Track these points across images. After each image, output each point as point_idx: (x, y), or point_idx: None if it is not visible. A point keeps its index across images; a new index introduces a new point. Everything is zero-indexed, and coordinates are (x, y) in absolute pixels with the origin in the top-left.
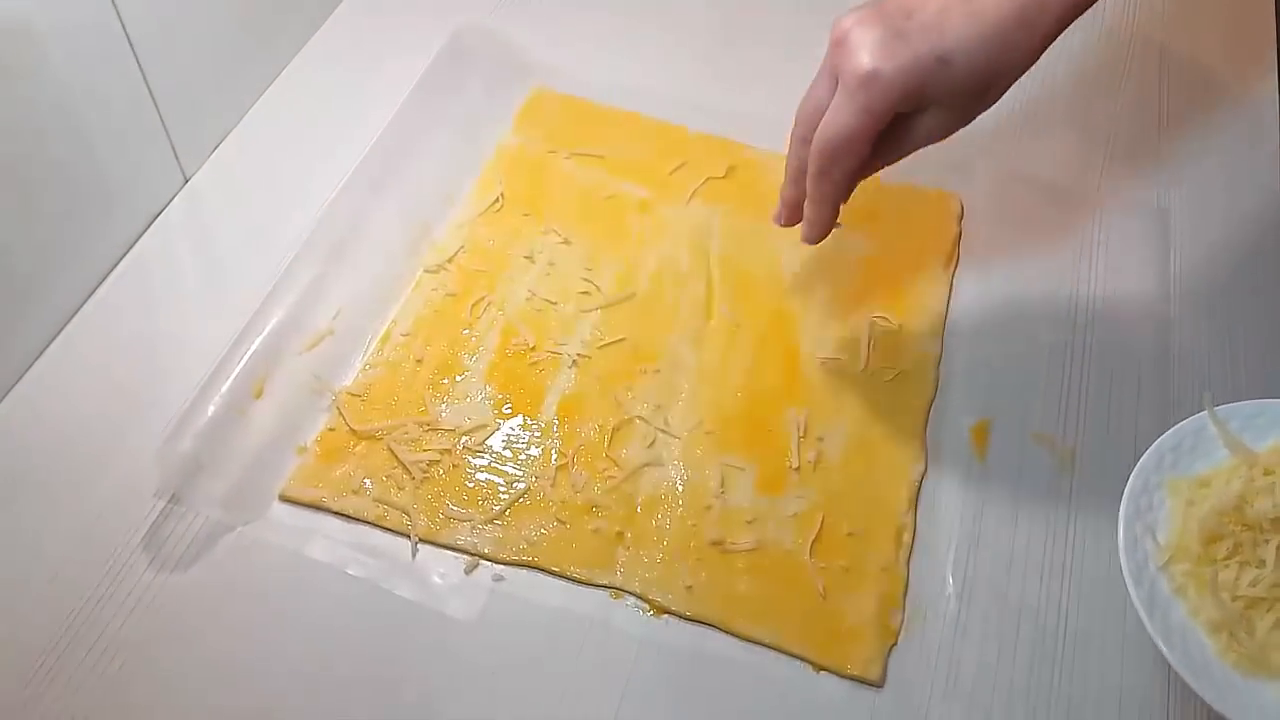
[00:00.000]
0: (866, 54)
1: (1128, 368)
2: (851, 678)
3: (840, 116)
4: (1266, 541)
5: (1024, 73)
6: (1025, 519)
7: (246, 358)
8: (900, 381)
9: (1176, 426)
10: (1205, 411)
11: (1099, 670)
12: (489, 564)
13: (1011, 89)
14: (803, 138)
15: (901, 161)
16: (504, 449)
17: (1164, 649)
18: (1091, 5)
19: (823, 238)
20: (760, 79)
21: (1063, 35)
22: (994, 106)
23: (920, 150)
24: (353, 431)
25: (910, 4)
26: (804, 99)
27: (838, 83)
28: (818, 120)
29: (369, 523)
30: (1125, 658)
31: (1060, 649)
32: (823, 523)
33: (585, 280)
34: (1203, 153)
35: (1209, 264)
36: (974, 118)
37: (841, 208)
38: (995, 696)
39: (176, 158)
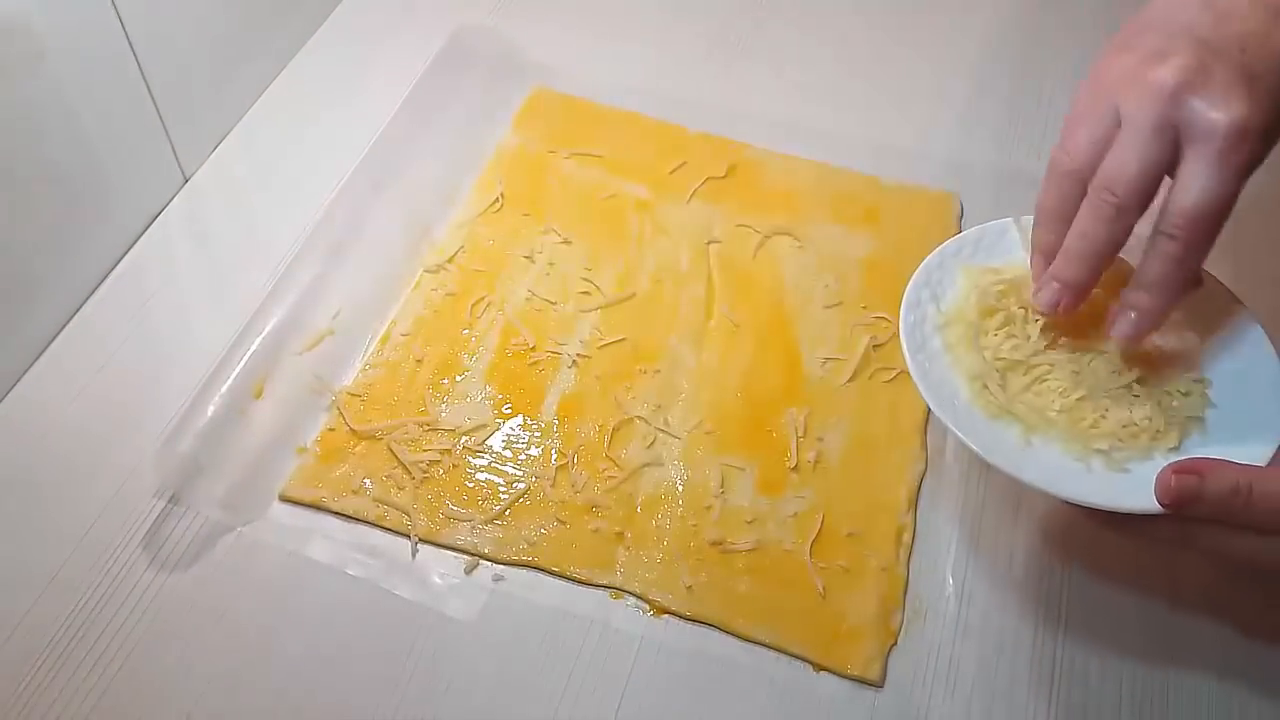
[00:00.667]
0: (1230, 100)
1: None
2: (851, 678)
3: (1211, 182)
4: (1036, 320)
5: None
6: (1025, 518)
7: (246, 358)
8: (900, 381)
9: (981, 225)
10: (1010, 218)
11: (1099, 670)
12: (489, 564)
13: (1011, 88)
14: (1134, 206)
15: (901, 161)
16: (504, 449)
17: (921, 388)
18: None
19: (1146, 335)
20: (760, 79)
21: (1059, 34)
22: (995, 107)
23: (920, 150)
24: (353, 431)
25: (1227, 34)
26: (1122, 164)
27: (1175, 139)
28: (1147, 196)
29: (369, 523)
30: (1125, 658)
31: (1060, 649)
32: (823, 523)
33: (585, 280)
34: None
35: (1208, 264)
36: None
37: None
38: (995, 696)
39: (176, 158)
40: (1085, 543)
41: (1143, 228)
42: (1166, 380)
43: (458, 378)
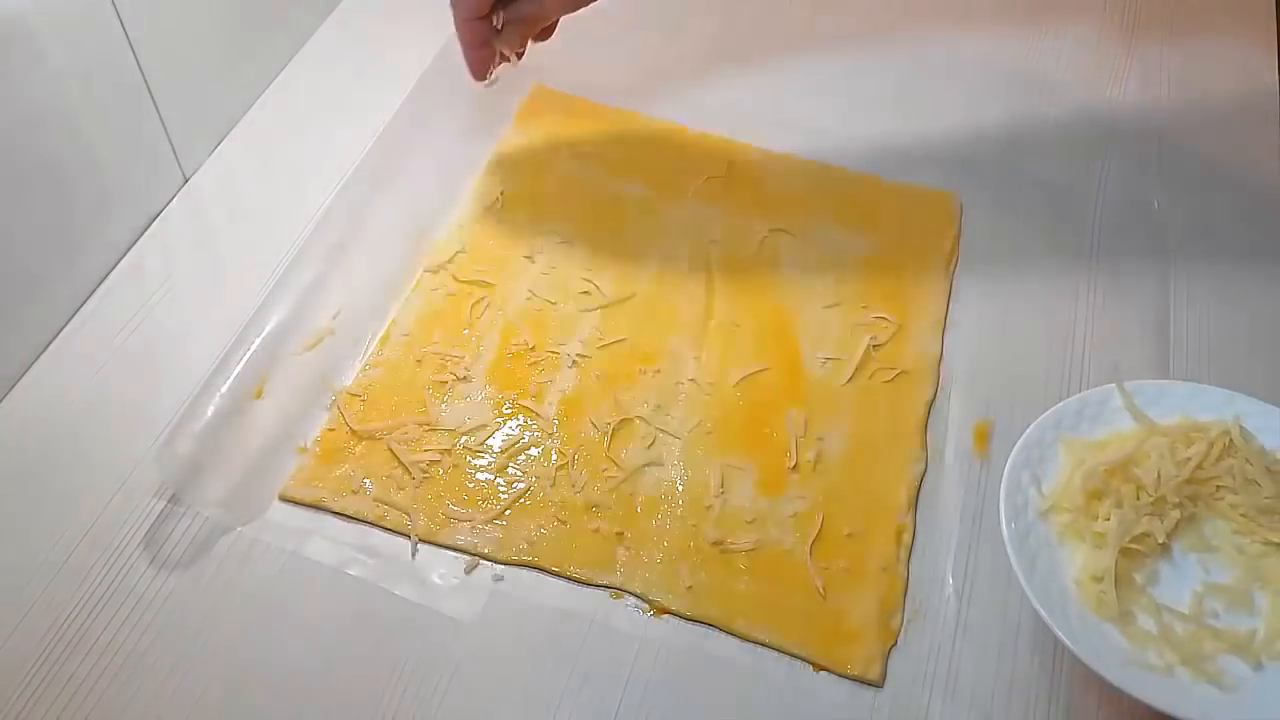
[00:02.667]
0: None
1: (1128, 368)
2: (851, 678)
3: None
4: (1150, 500)
5: None
6: None
7: (246, 358)
8: (900, 381)
9: (1083, 393)
10: (1114, 384)
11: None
12: (489, 564)
13: (1011, 88)
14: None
15: (902, 161)
16: (504, 449)
17: (1024, 583)
18: None
19: (482, 74)
20: (760, 79)
21: (1060, 34)
22: (995, 107)
23: (920, 150)
24: (353, 431)
25: None
26: None
27: None
28: None
29: (369, 523)
30: None
31: (1060, 649)
32: (822, 523)
33: (585, 280)
34: (1203, 152)
35: (1209, 264)
36: None
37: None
38: (995, 696)
39: (176, 158)
40: None
41: None
42: None
43: (458, 378)
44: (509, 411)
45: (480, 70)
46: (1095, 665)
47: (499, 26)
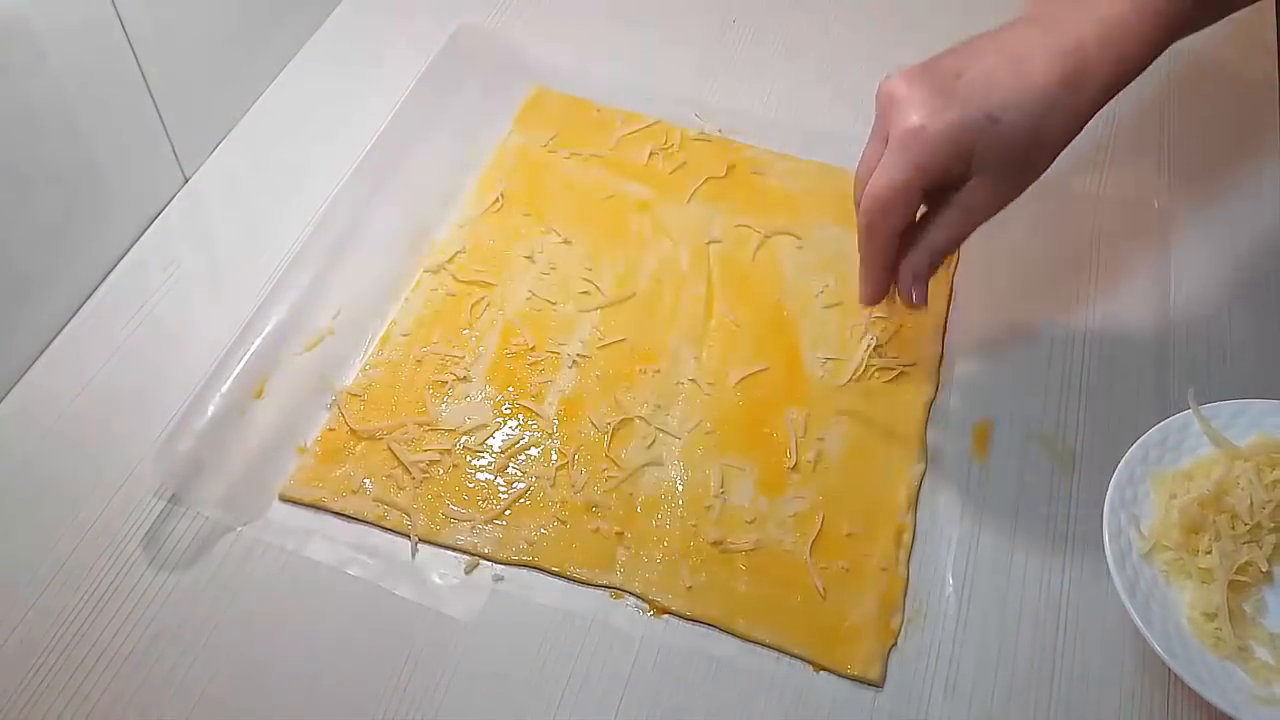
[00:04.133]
0: (915, 111)
1: (1128, 368)
2: (851, 678)
3: (886, 172)
4: (1249, 531)
5: (1071, 138)
6: (1025, 519)
7: (246, 358)
8: (900, 381)
9: (1163, 423)
10: (1191, 409)
11: (1099, 670)
12: (489, 564)
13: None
14: (859, 186)
15: (1078, 133)
16: (504, 449)
17: (1145, 632)
18: (1137, 75)
19: (876, 300)
20: (760, 79)
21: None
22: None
23: None
24: (353, 431)
25: (958, 64)
26: (859, 164)
27: (888, 143)
28: (862, 175)
29: (369, 523)
30: (1125, 658)
31: (1060, 649)
32: (822, 523)
33: (585, 280)
34: (1203, 153)
35: (1209, 264)
36: (1023, 188)
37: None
38: (995, 696)
39: (176, 158)
40: (1084, 542)
41: None
42: None
43: (458, 378)
44: (509, 411)
45: (878, 293)
46: (1225, 707)
47: (901, 277)
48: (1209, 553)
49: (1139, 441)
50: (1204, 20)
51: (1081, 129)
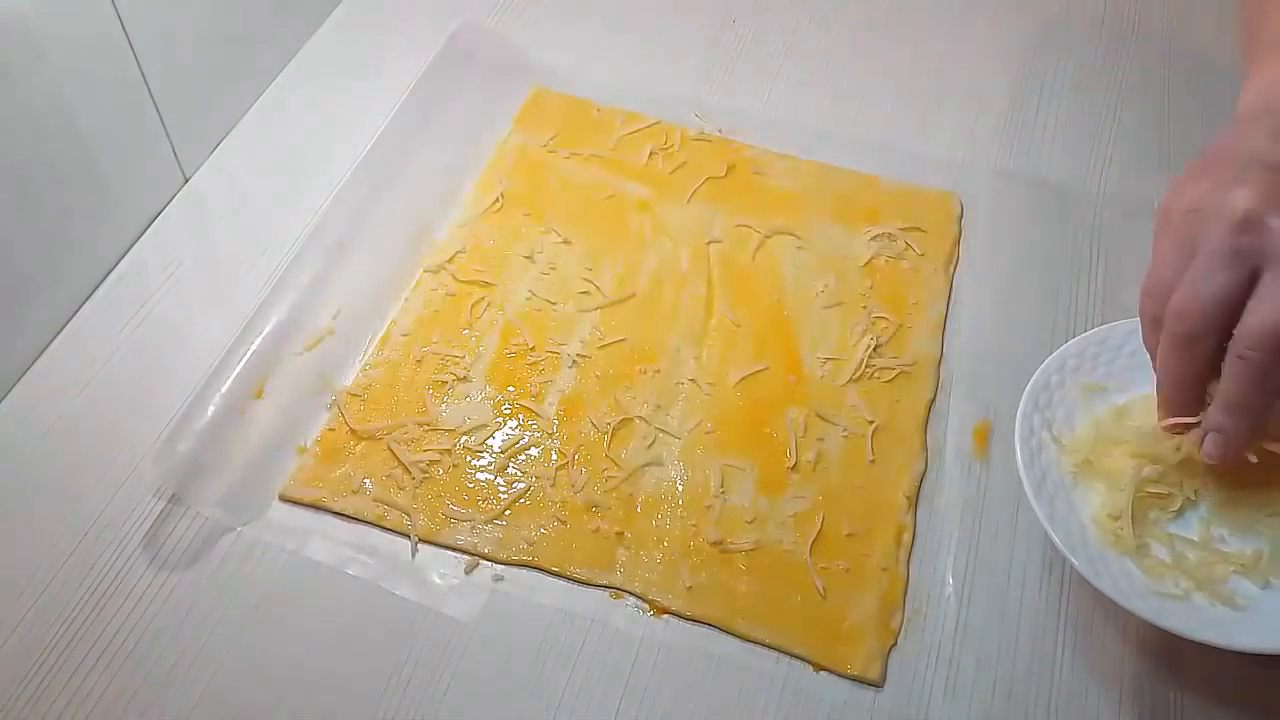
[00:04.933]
0: (1234, 199)
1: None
2: (851, 678)
3: (1219, 276)
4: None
5: None
6: (1025, 519)
7: (246, 358)
8: (900, 381)
9: (1082, 335)
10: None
11: (1099, 670)
12: (489, 564)
13: (1011, 89)
14: (1205, 335)
15: (902, 161)
16: (504, 449)
17: (1047, 527)
18: None
19: (1174, 413)
20: (760, 79)
21: (1060, 34)
22: (995, 107)
23: (920, 150)
24: (353, 431)
25: (1228, 142)
26: (1196, 291)
27: (1253, 270)
28: (1225, 320)
29: (369, 523)
30: (1125, 658)
31: (1060, 649)
32: (823, 523)
33: (585, 280)
34: (1203, 152)
35: None
36: None
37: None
38: (995, 696)
39: (176, 158)
40: None
41: None
42: None
43: (458, 378)
44: (509, 411)
45: (1184, 410)
46: (1121, 600)
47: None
48: (1128, 465)
49: (1057, 352)
50: None
51: None
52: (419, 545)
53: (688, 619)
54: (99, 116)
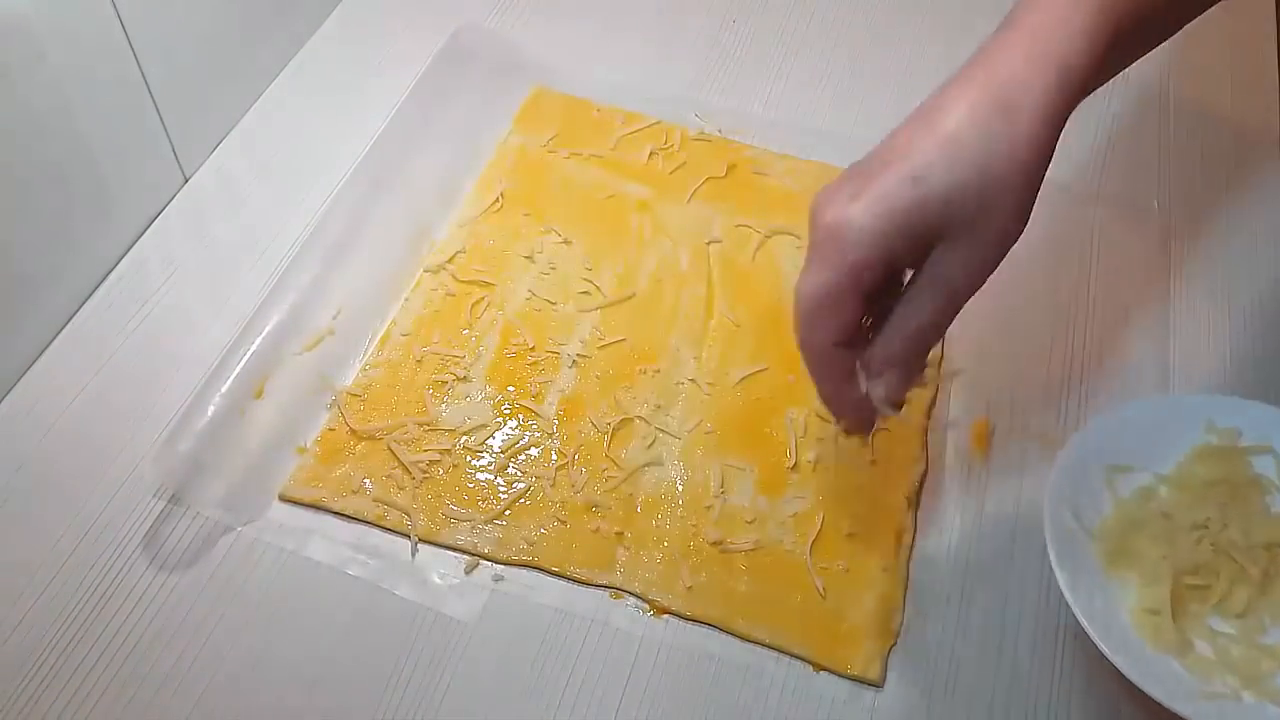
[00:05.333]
0: (834, 204)
1: (1128, 367)
2: (851, 678)
3: (810, 275)
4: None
5: (1033, 170)
6: (1025, 519)
7: (246, 358)
8: None
9: (1100, 417)
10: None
11: (1099, 670)
12: (489, 564)
13: None
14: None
15: (1043, 163)
16: (504, 449)
17: (1086, 626)
18: (1092, 82)
19: (856, 427)
20: (760, 79)
21: None
22: None
23: None
24: (353, 431)
25: (879, 150)
26: (801, 286)
27: None
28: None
29: (369, 523)
30: None
31: (1060, 649)
32: (823, 523)
33: (585, 280)
34: (1203, 152)
35: (1209, 263)
36: (1003, 243)
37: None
38: (995, 696)
39: (176, 158)
40: None
41: None
42: None
43: (458, 378)
44: (509, 411)
45: (856, 421)
46: (1171, 703)
47: (872, 367)
48: (1161, 555)
49: (1077, 434)
50: (1154, 17)
51: (1046, 156)
52: (419, 545)
53: (688, 619)
54: (99, 116)
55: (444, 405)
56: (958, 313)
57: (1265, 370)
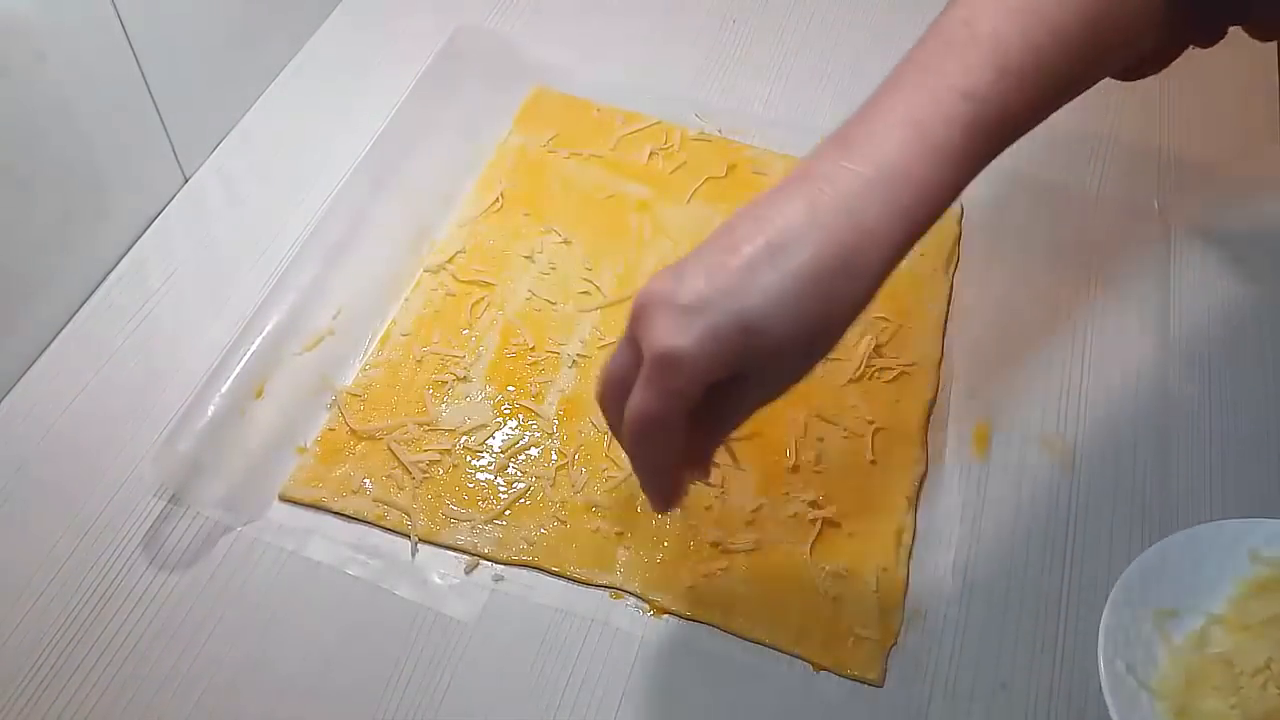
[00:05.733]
0: (662, 328)
1: (1128, 368)
2: (851, 678)
3: (644, 401)
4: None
5: (856, 316)
6: (1025, 519)
7: (246, 358)
8: (900, 381)
9: (1140, 557)
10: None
11: (1098, 670)
12: (489, 564)
13: None
14: (609, 403)
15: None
16: (504, 449)
17: None
18: (928, 230)
19: (671, 507)
20: (760, 79)
21: None
22: None
23: None
24: (353, 431)
25: (711, 260)
26: (608, 363)
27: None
28: (622, 391)
29: (369, 523)
30: None
31: (1060, 650)
32: (823, 523)
33: (585, 280)
34: (1203, 152)
35: (1209, 263)
36: (808, 371)
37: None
38: (995, 696)
39: (176, 158)
40: (1084, 543)
41: None
42: None
43: (458, 378)
44: (509, 411)
45: (675, 498)
46: None
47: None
48: (1230, 706)
49: (1119, 582)
50: (1005, 146)
51: (871, 299)
52: (419, 545)
53: (688, 619)
54: (99, 116)
55: (444, 405)
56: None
57: (1266, 367)
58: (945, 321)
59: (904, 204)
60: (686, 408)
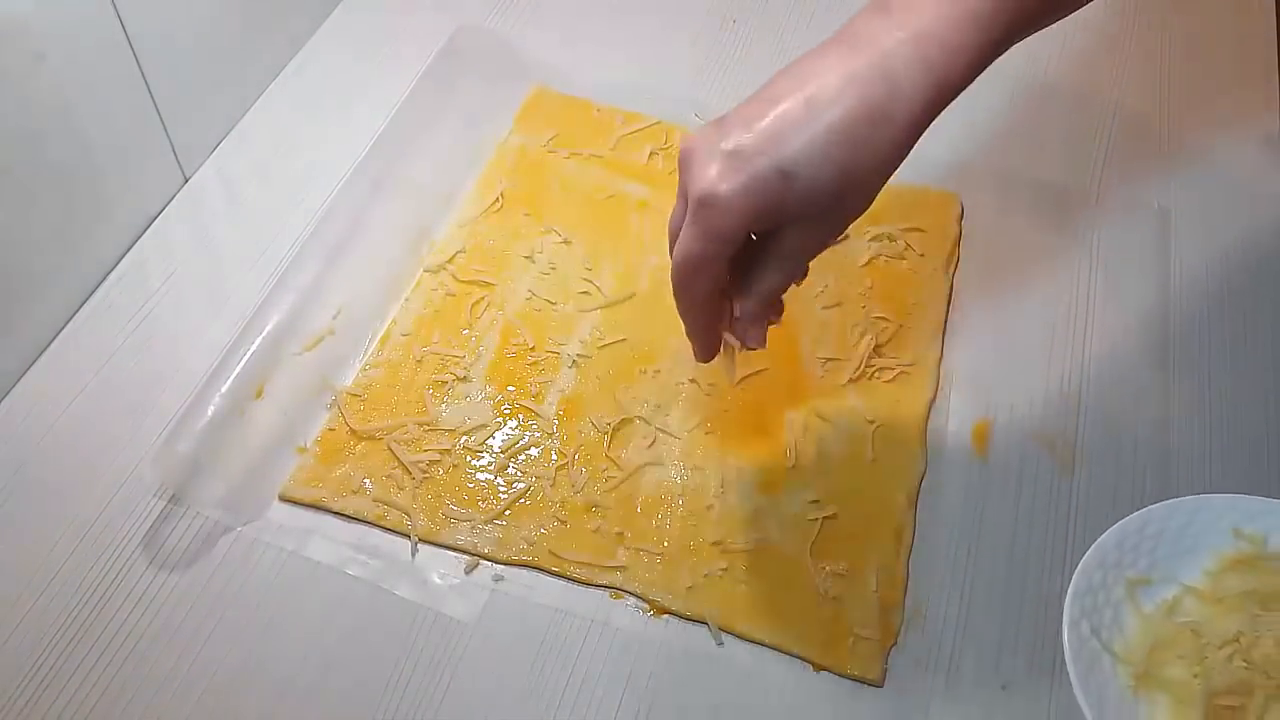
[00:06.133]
0: (705, 175)
1: (1128, 367)
2: (851, 678)
3: (686, 241)
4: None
5: (890, 172)
6: (1025, 519)
7: (246, 358)
8: (900, 381)
9: (1120, 523)
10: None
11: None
12: (489, 564)
13: (1011, 89)
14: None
15: (901, 161)
16: (504, 449)
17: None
18: (959, 93)
19: (709, 357)
20: (760, 79)
21: (1060, 34)
22: (995, 107)
23: (920, 150)
24: (353, 431)
25: (751, 112)
26: (670, 220)
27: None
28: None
29: (369, 523)
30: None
31: (1060, 650)
32: (822, 523)
33: (585, 280)
34: (1203, 152)
35: (1209, 263)
36: (844, 227)
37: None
38: (995, 697)
39: (176, 158)
40: (1084, 542)
41: None
42: None
43: (458, 378)
44: (509, 411)
45: (708, 351)
46: None
47: (736, 314)
48: (1192, 674)
49: (1094, 546)
50: (1037, 24)
51: (903, 158)
52: (419, 545)
53: (688, 619)
54: (99, 116)
55: (444, 405)
56: (805, 266)
57: (1265, 367)
58: (945, 322)
59: (934, 64)
60: (726, 252)
